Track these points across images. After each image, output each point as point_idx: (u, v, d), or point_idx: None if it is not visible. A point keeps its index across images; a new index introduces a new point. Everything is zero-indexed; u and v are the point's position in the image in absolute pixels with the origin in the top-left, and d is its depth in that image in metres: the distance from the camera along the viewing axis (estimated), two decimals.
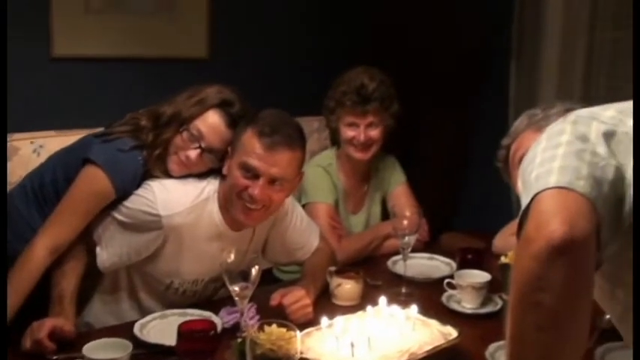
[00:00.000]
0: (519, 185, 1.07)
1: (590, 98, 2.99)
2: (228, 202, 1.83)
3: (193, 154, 1.84)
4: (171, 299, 1.94)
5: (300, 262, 2.14)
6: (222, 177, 1.87)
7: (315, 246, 2.13)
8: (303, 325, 1.65)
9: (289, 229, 2.07)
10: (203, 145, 1.83)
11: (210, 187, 1.88)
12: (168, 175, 1.87)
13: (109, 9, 3.00)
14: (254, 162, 1.75)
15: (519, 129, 1.55)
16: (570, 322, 0.91)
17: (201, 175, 1.90)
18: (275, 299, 1.79)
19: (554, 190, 0.94)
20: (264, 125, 1.77)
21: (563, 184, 0.94)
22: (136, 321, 1.76)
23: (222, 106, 1.86)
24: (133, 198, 1.84)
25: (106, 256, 1.86)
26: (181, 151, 1.84)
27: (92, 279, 1.94)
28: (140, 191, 1.84)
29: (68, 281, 1.78)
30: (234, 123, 1.85)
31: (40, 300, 1.70)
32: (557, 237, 0.88)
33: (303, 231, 2.11)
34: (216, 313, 1.79)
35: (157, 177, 1.86)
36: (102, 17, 2.95)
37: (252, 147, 1.75)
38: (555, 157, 0.99)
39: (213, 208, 1.86)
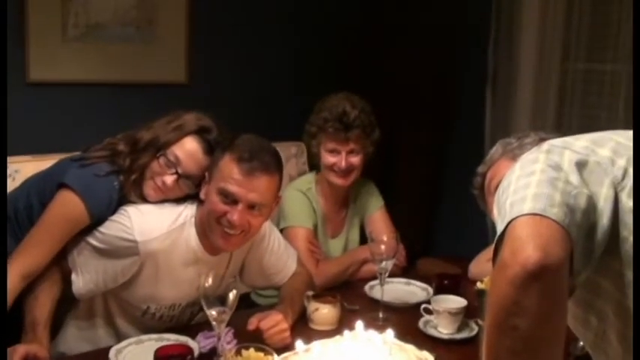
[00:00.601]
0: (494, 212, 1.09)
1: (563, 126, 3.06)
2: (207, 227, 1.82)
3: (169, 179, 1.83)
4: (148, 324, 1.92)
5: (277, 286, 2.13)
6: (200, 202, 1.87)
7: (293, 270, 2.13)
8: (280, 350, 1.64)
9: (267, 253, 2.07)
10: (180, 170, 1.83)
11: (187, 211, 1.88)
12: (144, 200, 1.87)
13: (86, 36, 3.01)
14: (233, 188, 1.75)
15: (494, 157, 1.59)
16: (545, 347, 0.93)
17: (178, 200, 1.90)
18: (252, 323, 1.79)
19: (529, 216, 0.96)
20: (242, 151, 1.77)
21: (537, 210, 0.96)
22: (111, 346, 1.74)
23: (200, 132, 1.87)
24: (108, 224, 1.83)
25: (81, 283, 1.84)
26: (158, 176, 1.84)
27: (66, 304, 1.92)
28: (116, 217, 1.83)
29: (41, 308, 1.76)
30: (212, 149, 1.85)
31: (11, 327, 1.66)
32: (532, 262, 0.90)
33: (280, 255, 2.11)
34: (193, 337, 1.78)
35: (133, 202, 1.86)
36: (80, 43, 2.96)
37: (231, 173, 1.76)
38: (529, 184, 1.00)
39: (191, 232, 1.86)
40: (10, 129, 2.71)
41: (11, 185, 2.16)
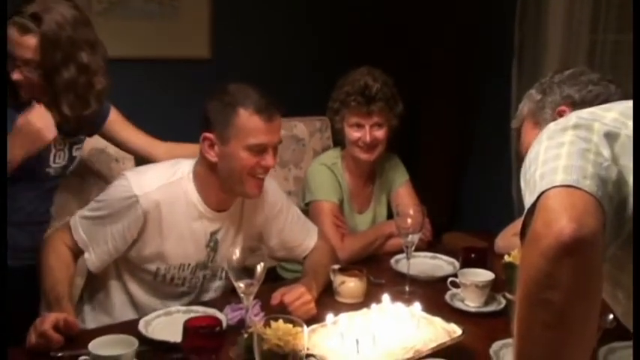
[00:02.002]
0: (521, 184, 1.08)
1: None
2: (234, 183, 1.86)
3: (15, 75, 1.84)
4: (161, 290, 1.95)
5: (299, 258, 2.15)
6: (203, 161, 1.88)
7: (314, 242, 2.15)
8: (307, 322, 1.65)
9: (287, 225, 2.09)
10: (18, 63, 1.83)
11: (182, 167, 1.92)
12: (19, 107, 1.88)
13: (110, 11, 3.01)
14: (262, 138, 1.81)
15: (523, 113, 1.59)
16: (578, 320, 0.91)
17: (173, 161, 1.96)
18: (275, 298, 1.80)
19: (561, 188, 0.94)
20: (255, 103, 1.80)
21: (569, 182, 0.94)
22: (140, 318, 1.76)
23: (11, 18, 1.83)
24: (106, 190, 1.90)
25: (94, 257, 1.88)
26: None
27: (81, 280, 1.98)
28: (114, 182, 1.91)
29: (63, 285, 1.79)
30: (28, 28, 1.81)
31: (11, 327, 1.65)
32: (567, 234, 0.88)
33: (300, 228, 2.14)
34: (221, 310, 1.79)
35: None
36: (104, 19, 2.96)
37: (256, 126, 1.80)
38: (559, 155, 0.99)
39: (189, 187, 1.89)
40: None
41: None
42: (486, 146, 3.63)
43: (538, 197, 0.96)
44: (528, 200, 0.99)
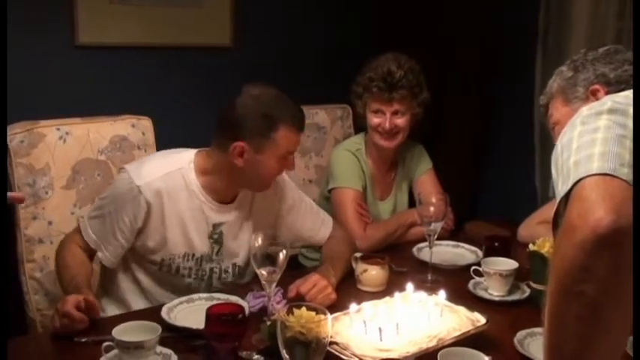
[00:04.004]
0: (552, 171, 1.05)
1: None
2: (254, 185, 1.93)
3: None
4: (168, 281, 1.96)
5: (318, 245, 2.17)
6: (222, 162, 1.88)
7: (330, 230, 2.16)
8: (329, 310, 1.64)
9: (299, 219, 2.12)
10: None
11: (182, 157, 1.94)
12: None
13: None
14: (293, 148, 1.89)
15: (552, 89, 1.56)
16: (612, 313, 0.88)
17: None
18: (292, 291, 1.80)
19: (598, 176, 0.91)
20: (293, 119, 1.86)
21: (606, 170, 0.91)
22: (163, 304, 1.77)
23: None
24: (110, 186, 1.96)
25: (108, 254, 1.91)
26: None
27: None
28: (116, 177, 1.96)
29: (81, 277, 1.81)
30: None
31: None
32: (604, 226, 0.85)
33: (314, 219, 2.16)
34: (243, 297, 1.79)
35: None
36: (126, 6, 2.97)
37: (292, 140, 1.87)
38: (594, 141, 0.95)
39: (191, 177, 1.90)
40: (60, 91, 2.78)
41: (62, 147, 2.19)
42: (510, 135, 3.59)
43: (572, 186, 0.93)
44: (561, 189, 0.96)
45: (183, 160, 1.92)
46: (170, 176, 1.88)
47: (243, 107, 1.83)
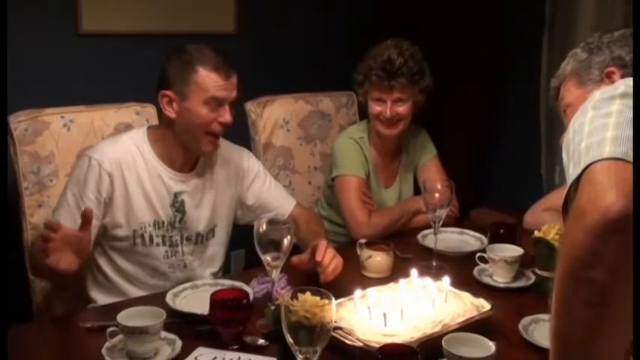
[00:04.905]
0: (563, 156, 1.04)
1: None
2: (190, 140, 1.94)
3: None
4: (146, 255, 1.98)
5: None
6: (160, 119, 2.00)
7: (293, 207, 2.19)
8: (334, 295, 1.64)
9: (264, 189, 2.17)
10: None
11: (133, 131, 2.04)
12: None
13: None
14: (220, 93, 1.89)
15: (565, 71, 1.54)
16: (621, 299, 0.87)
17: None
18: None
19: (609, 161, 0.90)
20: (213, 60, 1.89)
21: (618, 154, 0.89)
22: (167, 291, 1.77)
23: None
24: (70, 176, 1.99)
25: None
26: None
27: None
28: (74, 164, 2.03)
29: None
30: None
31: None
32: (615, 211, 0.84)
33: (279, 193, 2.21)
34: (247, 283, 1.80)
35: None
36: None
37: (214, 81, 1.88)
38: (606, 126, 0.94)
39: (144, 147, 1.98)
40: (64, 79, 2.78)
41: (66, 135, 2.19)
42: (515, 122, 3.58)
43: (583, 170, 0.92)
44: (572, 173, 0.95)
45: (137, 134, 2.01)
46: (126, 148, 1.96)
47: (165, 61, 1.94)
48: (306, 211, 2.27)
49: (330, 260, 1.79)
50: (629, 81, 1.02)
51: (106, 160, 1.91)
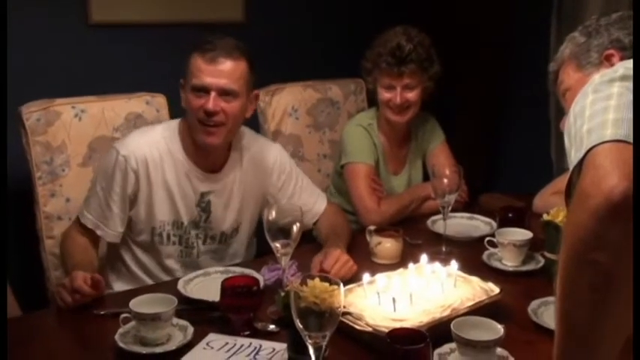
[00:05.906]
0: (565, 140, 1.04)
1: None
2: (192, 131, 1.92)
3: None
4: (161, 251, 2.00)
5: (309, 225, 2.14)
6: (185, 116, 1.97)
7: (323, 208, 2.17)
8: (344, 282, 1.65)
9: (296, 192, 2.13)
10: None
11: (167, 126, 2.00)
12: None
13: None
14: (204, 79, 1.84)
15: (564, 55, 1.53)
16: (625, 282, 0.87)
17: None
18: (315, 268, 1.79)
19: (611, 143, 0.90)
20: (204, 44, 1.86)
21: (620, 137, 0.89)
22: (179, 278, 1.80)
23: None
24: (99, 166, 2.02)
25: (108, 229, 1.95)
26: None
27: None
28: (104, 155, 2.03)
29: (84, 264, 1.83)
30: None
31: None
32: (618, 193, 0.84)
33: (310, 193, 2.17)
34: (258, 271, 1.81)
35: None
36: None
37: (198, 66, 1.84)
38: (607, 108, 0.94)
39: (175, 145, 1.95)
40: (75, 70, 2.79)
41: (78, 125, 2.21)
42: (524, 105, 3.56)
43: (586, 154, 0.92)
44: (574, 157, 0.95)
45: (168, 128, 1.99)
46: (155, 145, 1.94)
47: None
48: (329, 205, 2.22)
49: (337, 271, 1.76)
50: (629, 63, 1.02)
51: (132, 156, 1.91)
